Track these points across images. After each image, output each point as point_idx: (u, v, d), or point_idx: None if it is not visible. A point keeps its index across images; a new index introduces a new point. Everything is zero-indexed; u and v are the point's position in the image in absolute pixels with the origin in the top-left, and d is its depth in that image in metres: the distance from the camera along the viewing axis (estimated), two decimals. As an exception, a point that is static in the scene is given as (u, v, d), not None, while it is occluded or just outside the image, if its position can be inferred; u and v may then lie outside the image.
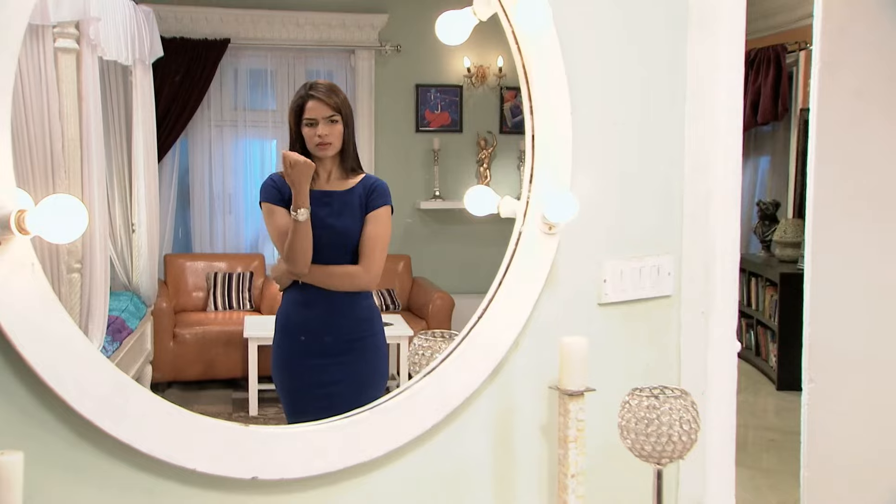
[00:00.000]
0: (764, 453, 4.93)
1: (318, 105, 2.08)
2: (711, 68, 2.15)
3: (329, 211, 2.12)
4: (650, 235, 2.15)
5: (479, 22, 1.87)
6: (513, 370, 1.94)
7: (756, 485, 4.44)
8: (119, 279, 2.50)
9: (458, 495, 1.89)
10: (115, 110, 2.48)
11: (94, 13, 2.29)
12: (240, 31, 2.37)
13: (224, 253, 2.51)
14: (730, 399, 2.24)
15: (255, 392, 2.40)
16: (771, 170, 7.36)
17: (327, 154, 2.10)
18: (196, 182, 2.54)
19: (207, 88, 2.41)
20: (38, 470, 1.43)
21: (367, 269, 2.14)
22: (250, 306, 2.44)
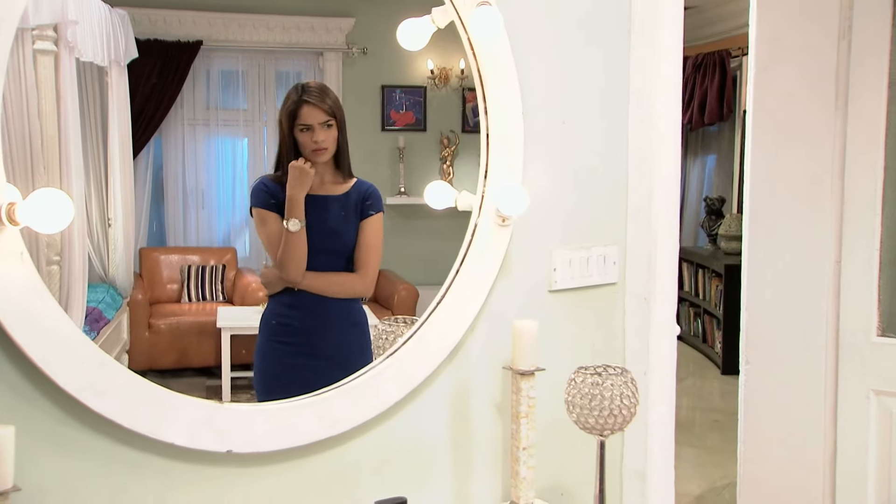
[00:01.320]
0: (709, 433, 5.03)
1: (314, 110, 2.00)
2: (652, 73, 2.18)
3: (326, 216, 2.06)
4: (597, 227, 2.18)
5: (438, 29, 1.89)
6: (469, 352, 1.97)
7: (701, 462, 4.54)
8: (96, 272, 2.49)
9: (419, 467, 1.92)
10: (92, 109, 2.47)
11: (72, 16, 2.29)
12: (212, 33, 2.33)
13: (197, 246, 2.48)
14: (670, 378, 2.28)
15: (228, 379, 2.40)
16: (717, 167, 7.47)
17: (322, 159, 2.02)
18: (170, 178, 2.52)
19: (181, 88, 2.37)
20: (27, 444, 1.44)
21: (364, 276, 2.09)
22: (223, 297, 2.42)
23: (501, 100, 1.93)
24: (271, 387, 2.07)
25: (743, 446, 3.10)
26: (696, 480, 4.25)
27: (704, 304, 6.77)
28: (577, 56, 2.11)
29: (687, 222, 7.94)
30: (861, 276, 2.73)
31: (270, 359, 2.07)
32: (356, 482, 1.82)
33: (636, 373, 2.15)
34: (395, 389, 1.84)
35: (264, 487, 1.72)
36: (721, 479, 4.19)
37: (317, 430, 1.74)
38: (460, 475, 1.98)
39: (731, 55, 6.47)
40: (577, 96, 2.11)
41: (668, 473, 2.29)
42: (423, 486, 1.91)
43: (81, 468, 1.54)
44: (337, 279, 2.07)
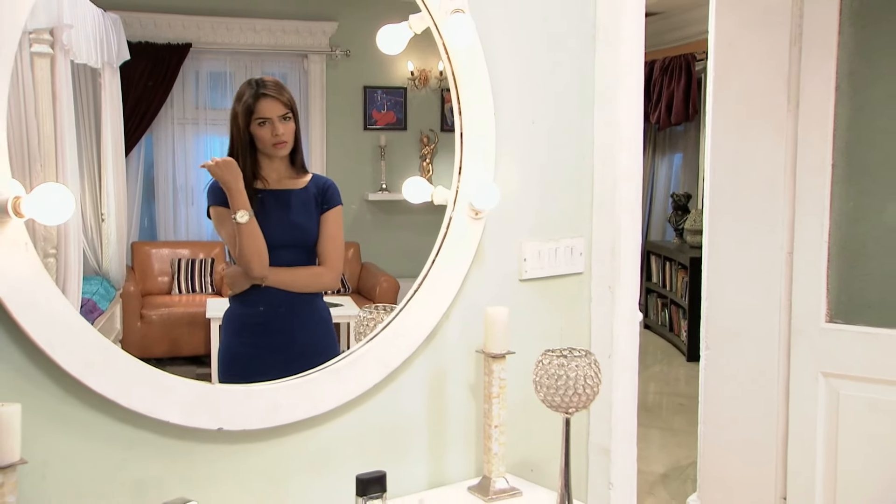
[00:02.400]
0: (674, 416, 5.10)
1: (272, 103, 1.91)
2: (615, 76, 2.21)
3: (286, 210, 2.01)
4: (564, 220, 2.22)
5: (416, 34, 1.91)
6: (445, 337, 2.00)
7: (666, 443, 4.61)
8: (90, 265, 2.48)
9: (398, 444, 1.95)
10: (86, 109, 2.47)
11: (67, 21, 2.30)
12: (201, 36, 2.28)
13: (187, 241, 2.42)
14: (632, 361, 2.33)
15: (216, 369, 2.42)
16: (683, 165, 7.54)
17: (283, 153, 1.94)
18: (161, 175, 2.49)
19: (171, 89, 2.33)
20: (32, 421, 1.45)
21: (331, 268, 2.02)
22: (212, 289, 2.37)
23: (474, 101, 1.96)
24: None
25: (703, 427, 3.17)
26: (662, 460, 4.33)
27: (671, 295, 6.84)
28: (545, 59, 2.14)
29: (655, 217, 8.01)
30: (811, 267, 2.80)
31: (239, 360, 1.99)
32: (338, 458, 1.85)
33: (601, 356, 2.21)
34: (374, 372, 1.87)
35: (253, 462, 1.75)
36: (685, 458, 4.26)
37: (301, 410, 1.77)
38: (436, 451, 2.01)
39: (696, 59, 6.54)
40: (546, 97, 2.15)
41: (631, 450, 2.33)
42: (401, 462, 1.94)
43: (82, 445, 1.56)
44: (304, 272, 1.99)
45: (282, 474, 1.79)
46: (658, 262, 7.27)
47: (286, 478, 1.80)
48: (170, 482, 1.64)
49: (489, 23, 2.00)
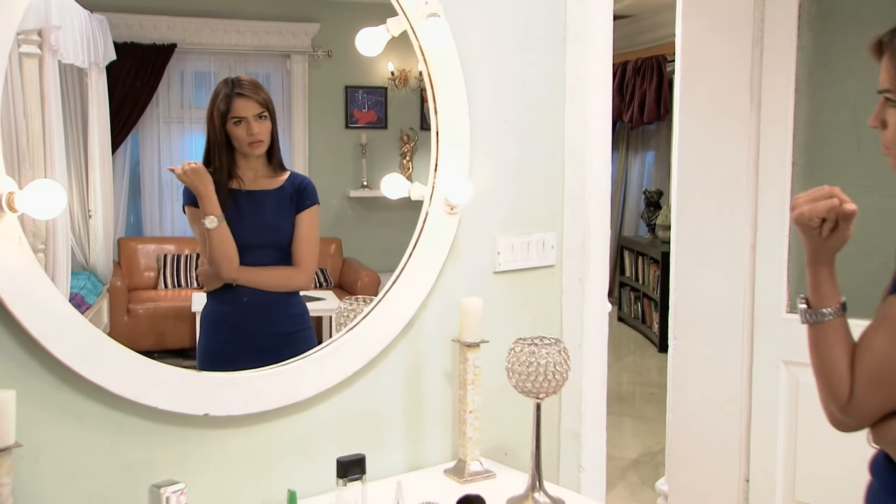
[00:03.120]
0: (646, 405, 5.16)
1: (247, 102, 1.89)
2: (585, 77, 2.24)
3: (260, 210, 1.98)
4: (536, 215, 2.24)
5: (393, 37, 1.94)
6: (421, 326, 2.03)
7: (638, 430, 4.68)
8: (78, 260, 2.47)
9: (377, 430, 1.98)
10: (73, 108, 2.46)
11: (55, 22, 2.30)
12: (185, 36, 2.23)
13: (173, 236, 2.37)
14: (602, 350, 2.37)
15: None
16: (656, 163, 7.60)
17: (259, 152, 1.92)
18: (146, 172, 2.47)
19: (156, 88, 2.29)
20: (26, 407, 1.47)
21: (304, 269, 1.99)
22: (197, 284, 2.30)
23: (450, 101, 1.99)
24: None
25: (671, 414, 3.22)
26: (634, 447, 4.39)
27: (643, 289, 6.91)
28: (518, 61, 2.17)
29: (628, 213, 8.08)
30: (773, 260, 2.85)
31: (214, 356, 1.96)
32: (320, 443, 1.88)
33: (572, 345, 2.25)
34: (354, 360, 1.90)
35: (238, 446, 1.78)
36: (655, 445, 4.32)
37: (283, 397, 1.80)
38: (414, 436, 2.05)
39: (667, 60, 6.59)
40: (519, 98, 2.18)
41: (601, 434, 2.38)
42: (380, 446, 1.98)
43: (74, 429, 1.59)
44: (274, 273, 1.97)
45: (266, 458, 1.82)
46: (631, 256, 7.33)
47: (270, 461, 1.83)
48: (158, 465, 1.67)
49: (464, 26, 2.03)
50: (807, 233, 1.23)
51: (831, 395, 1.21)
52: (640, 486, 3.80)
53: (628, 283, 7.36)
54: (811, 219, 1.21)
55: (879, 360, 1.18)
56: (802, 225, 1.23)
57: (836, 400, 1.21)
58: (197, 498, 1.67)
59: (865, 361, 1.19)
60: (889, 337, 1.17)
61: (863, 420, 1.22)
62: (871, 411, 1.20)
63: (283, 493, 1.75)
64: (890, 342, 1.17)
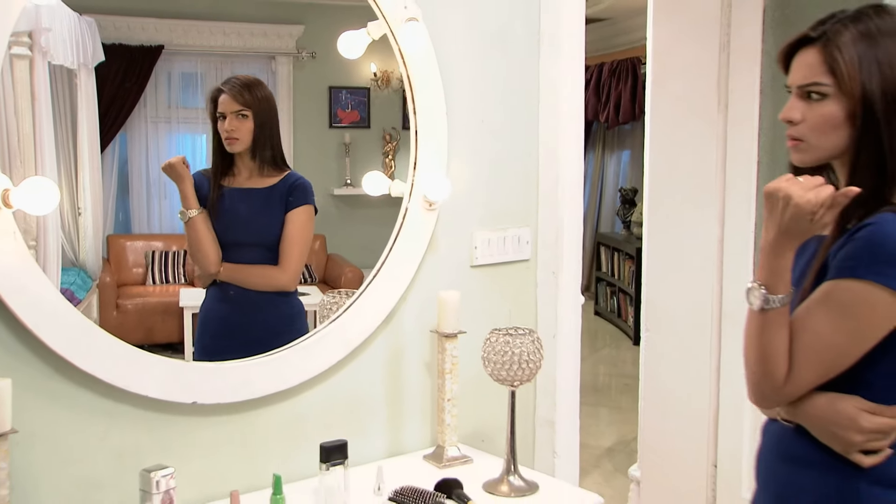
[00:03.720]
0: (621, 395, 5.21)
1: (227, 99, 1.91)
2: (558, 78, 2.28)
3: (247, 208, 1.97)
4: (512, 211, 2.28)
5: (373, 40, 1.98)
6: (401, 318, 2.06)
7: (613, 420, 4.74)
8: (68, 257, 2.45)
9: (358, 417, 2.01)
10: (63, 108, 2.45)
11: (45, 24, 2.30)
12: (173, 38, 2.19)
13: (160, 233, 2.36)
14: (575, 341, 2.40)
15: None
16: (631, 161, 7.65)
17: (235, 149, 1.92)
18: (134, 171, 2.45)
19: (144, 89, 2.24)
20: (21, 395, 1.50)
21: (285, 269, 1.96)
22: (184, 280, 2.31)
23: (428, 102, 2.03)
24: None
25: (643, 403, 3.27)
26: (608, 435, 4.45)
27: (619, 284, 6.97)
28: (494, 64, 2.20)
29: (605, 211, 8.14)
30: (740, 255, 2.89)
31: (208, 352, 1.98)
32: (304, 429, 1.92)
33: (546, 336, 2.29)
34: (337, 350, 1.93)
35: (225, 433, 1.81)
36: (629, 433, 4.37)
37: (269, 385, 1.83)
38: (394, 423, 2.08)
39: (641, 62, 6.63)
40: (494, 98, 2.21)
41: (574, 422, 2.42)
42: (362, 433, 2.01)
43: (68, 417, 1.61)
44: (256, 271, 1.96)
45: (252, 444, 1.85)
46: (607, 252, 7.40)
47: (256, 447, 1.86)
48: (148, 451, 1.70)
49: (441, 30, 2.06)
50: (796, 222, 1.21)
51: (767, 375, 1.27)
52: (614, 473, 3.86)
53: (604, 279, 7.43)
54: (817, 205, 1.20)
55: (818, 341, 1.24)
56: (799, 213, 1.20)
57: (772, 379, 1.26)
58: (186, 482, 1.70)
59: (805, 341, 1.24)
60: (829, 319, 1.22)
61: (794, 396, 1.27)
62: (805, 388, 1.26)
63: (269, 477, 1.77)
64: (829, 324, 1.22)
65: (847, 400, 1.25)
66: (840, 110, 1.25)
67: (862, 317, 1.21)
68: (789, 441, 1.33)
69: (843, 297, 1.22)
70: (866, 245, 1.20)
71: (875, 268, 1.19)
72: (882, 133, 1.23)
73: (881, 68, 1.22)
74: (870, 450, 1.25)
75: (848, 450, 1.25)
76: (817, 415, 1.26)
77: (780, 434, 1.36)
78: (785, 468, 1.34)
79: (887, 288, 1.18)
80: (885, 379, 1.25)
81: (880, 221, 1.20)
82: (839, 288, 1.22)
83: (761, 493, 1.41)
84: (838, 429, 1.25)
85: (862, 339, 1.22)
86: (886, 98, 1.22)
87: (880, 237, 1.19)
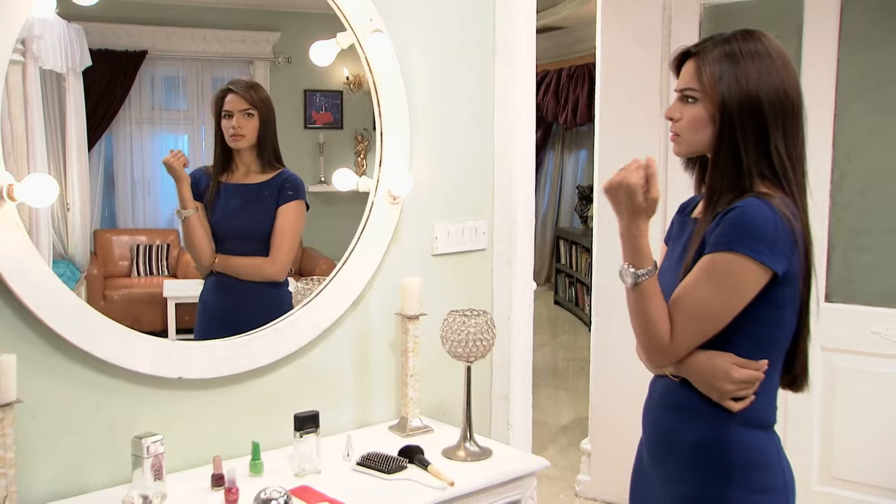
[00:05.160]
0: (578, 378, 5.31)
1: (235, 98, 1.97)
2: (511, 84, 2.37)
3: (241, 203, 2.01)
4: (470, 205, 2.36)
5: (342, 50, 2.06)
6: (368, 301, 2.14)
7: (570, 400, 4.85)
8: (57, 250, 2.46)
9: (329, 392, 2.09)
10: (52, 110, 2.45)
11: (37, 32, 2.32)
12: (156, 44, 2.21)
13: (144, 228, 2.38)
14: (528, 322, 2.50)
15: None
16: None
17: (240, 146, 1.97)
18: (120, 169, 2.36)
19: (128, 92, 2.27)
20: (24, 370, 1.57)
21: (274, 260, 2.01)
22: (168, 272, 2.33)
23: (392, 106, 2.11)
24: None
25: (593, 382, 3.40)
26: (565, 414, 4.58)
27: (577, 275, 7.09)
28: (452, 71, 2.28)
29: (564, 207, 8.28)
30: None
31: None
32: (280, 402, 1.99)
33: (501, 318, 2.40)
34: (309, 331, 2.02)
35: (208, 404, 1.89)
36: (585, 412, 4.41)
37: (248, 362, 1.91)
38: (362, 396, 2.16)
39: (598, 67, 6.79)
40: (453, 102, 2.29)
41: (527, 396, 2.53)
42: (332, 406, 2.09)
43: (66, 389, 1.68)
44: (246, 262, 2.01)
45: (233, 415, 1.93)
46: (566, 245, 7.52)
47: (236, 417, 1.94)
48: (139, 421, 1.77)
49: (404, 40, 2.14)
50: (632, 201, 1.40)
51: (652, 340, 1.43)
52: (569, 448, 3.99)
53: (563, 270, 7.56)
54: (642, 179, 1.39)
55: (697, 305, 1.39)
56: (632, 192, 1.39)
57: (658, 343, 1.42)
58: (173, 449, 1.77)
59: (686, 307, 1.40)
60: (707, 287, 1.37)
61: (679, 355, 1.42)
62: (687, 347, 1.41)
63: (248, 445, 1.86)
64: (707, 291, 1.37)
65: (722, 356, 1.41)
66: (705, 113, 1.42)
67: (734, 284, 1.36)
68: (673, 393, 1.48)
69: (719, 268, 1.36)
70: (735, 224, 1.35)
71: (743, 242, 1.34)
72: (737, 135, 1.39)
73: (738, 83, 1.39)
74: (738, 398, 1.42)
75: (722, 397, 1.41)
76: (698, 369, 1.42)
77: (665, 387, 1.51)
78: (669, 415, 1.50)
79: (754, 259, 1.34)
80: (748, 339, 1.41)
81: (745, 205, 1.36)
82: (715, 260, 1.37)
83: (648, 440, 1.56)
84: (715, 380, 1.40)
85: (734, 302, 1.37)
86: (741, 107, 1.39)
87: (747, 217, 1.35)
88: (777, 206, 1.36)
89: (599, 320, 3.35)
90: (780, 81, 1.40)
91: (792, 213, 1.38)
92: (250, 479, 1.78)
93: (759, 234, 1.34)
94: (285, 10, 2.33)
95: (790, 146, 1.41)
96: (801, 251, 1.39)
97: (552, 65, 7.32)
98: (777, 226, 1.35)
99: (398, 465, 1.85)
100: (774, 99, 1.39)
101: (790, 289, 1.40)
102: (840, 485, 2.85)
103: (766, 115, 1.39)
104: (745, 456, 1.43)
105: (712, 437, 1.44)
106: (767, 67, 1.39)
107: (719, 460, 1.43)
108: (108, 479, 1.75)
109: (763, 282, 1.37)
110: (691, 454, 1.46)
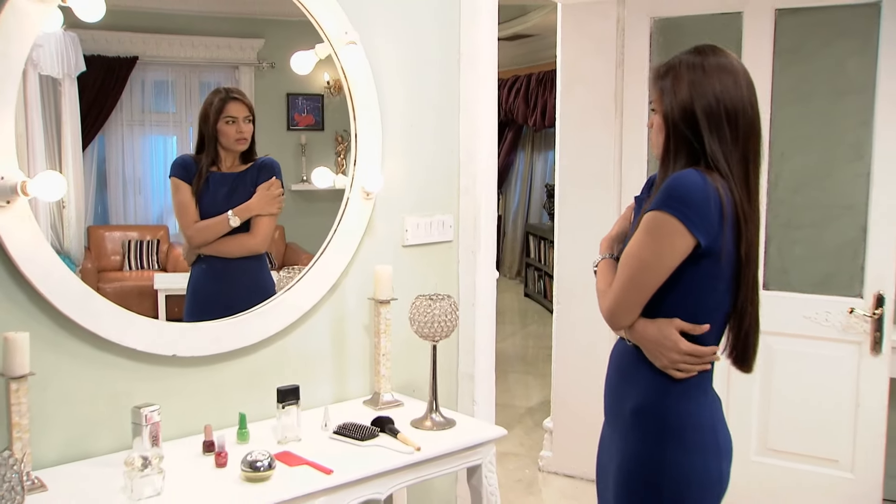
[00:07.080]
0: (545, 364, 5.33)
1: (239, 106, 2.07)
2: (475, 91, 2.50)
3: (227, 190, 2.10)
4: (437, 201, 2.47)
5: (320, 59, 2.16)
6: (344, 288, 2.25)
7: (538, 385, 4.95)
8: (53, 245, 2.49)
9: (309, 370, 2.20)
10: (49, 113, 2.47)
11: (39, 42, 2.42)
12: (146, 50, 2.24)
13: (136, 224, 2.42)
14: (491, 308, 2.64)
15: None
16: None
17: (242, 148, 2.10)
18: (112, 169, 2.44)
19: (120, 95, 2.31)
20: (36, 347, 1.66)
21: (255, 234, 2.11)
22: (158, 266, 2.39)
23: (365, 110, 2.23)
24: None
25: (555, 365, 3.52)
26: (532, 398, 4.72)
27: (545, 268, 7.18)
28: (421, 78, 2.40)
29: (533, 204, 8.39)
30: None
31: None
32: (264, 378, 2.10)
33: (466, 304, 2.53)
34: (289, 314, 2.14)
35: (199, 379, 2.00)
36: (549, 396, 4.66)
37: (235, 342, 2.03)
38: (338, 375, 2.27)
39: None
40: (422, 106, 2.41)
41: (490, 375, 2.67)
42: (312, 383, 2.20)
43: (71, 365, 1.79)
44: (232, 239, 2.09)
45: (222, 389, 2.04)
46: (535, 241, 7.64)
47: (225, 391, 2.05)
48: (137, 394, 1.88)
49: (377, 51, 2.26)
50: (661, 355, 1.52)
51: (600, 297, 1.58)
52: (534, 428, 4.14)
53: (533, 264, 7.69)
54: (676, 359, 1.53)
55: (630, 257, 1.51)
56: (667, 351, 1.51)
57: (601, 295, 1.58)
58: (168, 420, 1.89)
59: (622, 262, 1.53)
60: (638, 240, 1.49)
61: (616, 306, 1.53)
62: (621, 298, 1.52)
63: (236, 416, 1.97)
64: (638, 244, 1.49)
65: (670, 327, 1.50)
66: (661, 121, 1.57)
67: (663, 239, 1.46)
68: (623, 359, 1.62)
69: (649, 224, 1.48)
70: (667, 188, 1.46)
71: (673, 204, 1.45)
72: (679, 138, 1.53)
73: (676, 95, 1.53)
74: (682, 370, 1.53)
75: (667, 366, 1.52)
76: (648, 337, 1.52)
77: (620, 352, 1.64)
78: (619, 380, 1.63)
79: (681, 222, 1.44)
80: (685, 308, 1.51)
81: (683, 173, 1.48)
82: (647, 217, 1.49)
83: (605, 403, 1.69)
84: (663, 349, 1.50)
85: (664, 256, 1.46)
86: (685, 115, 1.52)
87: (680, 181, 1.46)
88: (710, 179, 1.46)
89: (560, 308, 3.47)
90: (714, 92, 1.51)
91: (725, 191, 1.46)
92: (238, 446, 1.89)
93: (689, 198, 1.44)
94: (269, 18, 2.36)
95: (725, 147, 1.50)
96: (729, 227, 1.46)
97: (522, 70, 7.45)
98: (707, 194, 1.43)
99: (370, 434, 1.98)
100: (706, 106, 1.50)
101: (718, 262, 1.47)
102: (775, 455, 2.99)
103: (698, 122, 1.50)
104: (679, 419, 1.52)
105: (652, 401, 1.53)
106: (701, 80, 1.51)
107: (657, 422, 1.53)
108: (112, 445, 1.85)
109: (688, 244, 1.44)
110: (632, 415, 1.56)
